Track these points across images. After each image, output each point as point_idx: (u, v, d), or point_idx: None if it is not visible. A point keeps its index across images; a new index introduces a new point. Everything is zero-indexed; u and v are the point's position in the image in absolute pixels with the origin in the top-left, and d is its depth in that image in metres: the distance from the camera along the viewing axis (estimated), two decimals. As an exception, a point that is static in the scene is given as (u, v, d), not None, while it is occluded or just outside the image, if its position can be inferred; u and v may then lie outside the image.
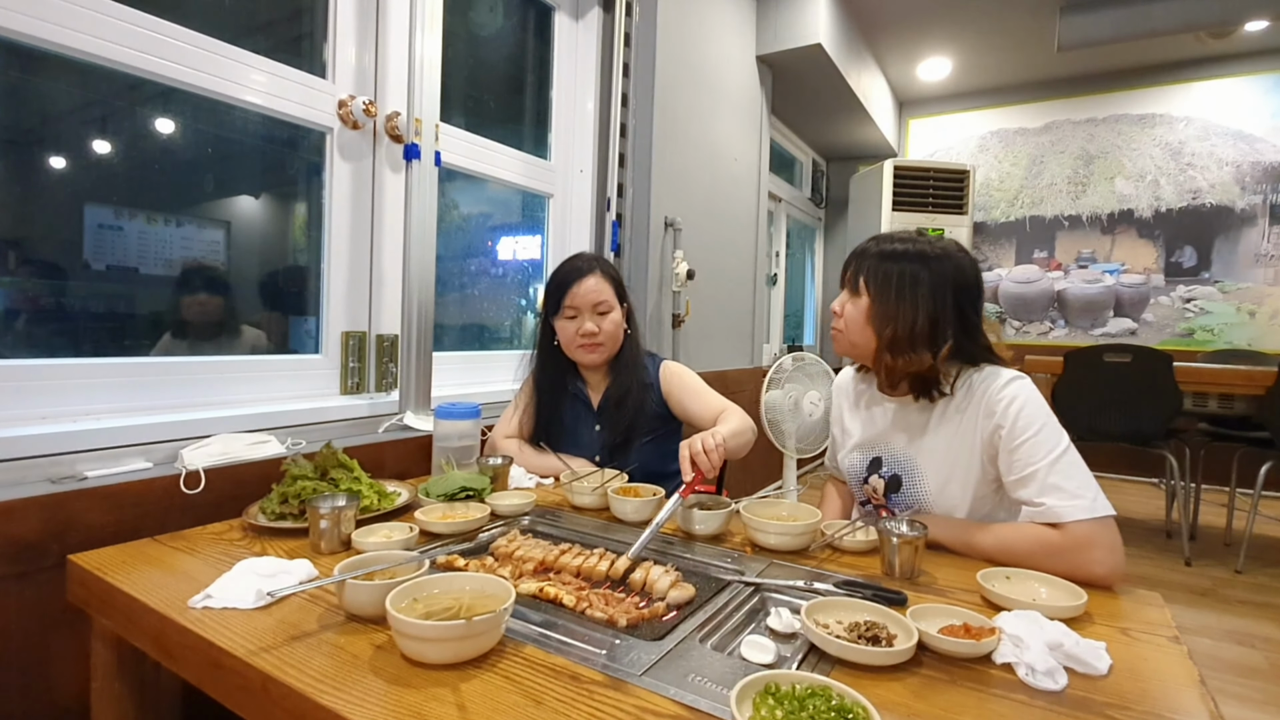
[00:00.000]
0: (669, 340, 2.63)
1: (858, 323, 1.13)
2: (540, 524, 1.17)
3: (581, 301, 1.44)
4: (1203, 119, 4.30)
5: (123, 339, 1.35)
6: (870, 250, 1.14)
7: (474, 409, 1.39)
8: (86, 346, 1.28)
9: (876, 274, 1.12)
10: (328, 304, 1.63)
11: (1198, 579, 2.67)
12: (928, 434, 1.14)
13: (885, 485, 1.18)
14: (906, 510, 1.16)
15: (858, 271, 1.14)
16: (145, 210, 1.38)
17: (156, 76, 1.31)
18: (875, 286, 1.11)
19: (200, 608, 0.78)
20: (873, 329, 1.11)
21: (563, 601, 0.83)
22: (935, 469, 1.12)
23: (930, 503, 1.13)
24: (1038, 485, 1.00)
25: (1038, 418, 1.03)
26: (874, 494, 1.21)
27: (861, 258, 1.14)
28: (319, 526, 0.95)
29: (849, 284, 1.16)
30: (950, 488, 1.11)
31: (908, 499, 1.15)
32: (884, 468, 1.19)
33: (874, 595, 0.84)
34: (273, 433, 1.36)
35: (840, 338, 1.18)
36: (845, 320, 1.16)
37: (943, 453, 1.12)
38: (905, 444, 1.16)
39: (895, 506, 1.18)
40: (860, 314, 1.13)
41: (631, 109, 2.46)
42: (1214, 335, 4.28)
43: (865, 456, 1.23)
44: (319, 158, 1.63)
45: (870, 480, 1.22)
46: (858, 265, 1.14)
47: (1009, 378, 1.07)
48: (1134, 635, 0.78)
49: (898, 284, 1.10)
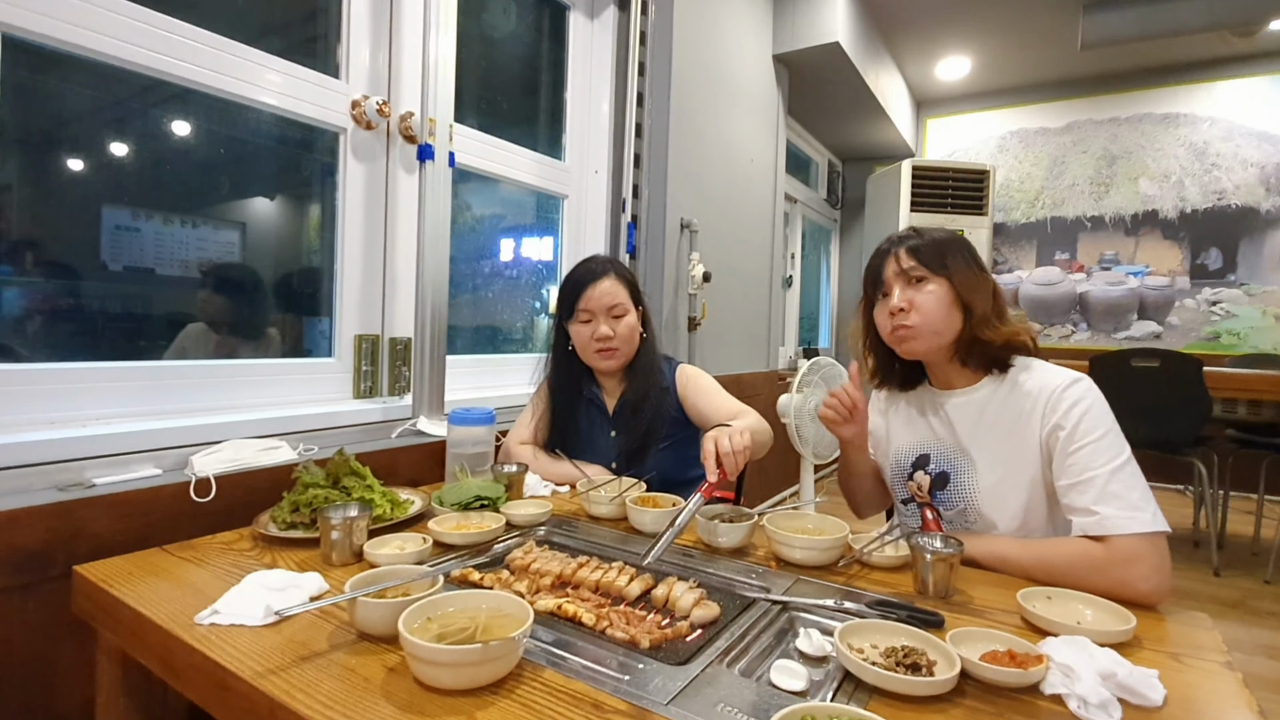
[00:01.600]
0: (685, 343, 2.59)
1: (939, 308, 1.06)
2: (557, 534, 1.14)
3: (596, 305, 1.41)
4: (1227, 119, 4.20)
5: (138, 341, 1.34)
6: (920, 239, 1.09)
7: (488, 414, 1.36)
8: (102, 348, 1.27)
9: (946, 254, 1.07)
10: (340, 306, 1.61)
11: (1227, 590, 2.60)
12: (981, 426, 1.09)
13: (931, 482, 1.13)
14: (952, 508, 1.11)
15: (920, 259, 1.07)
16: (161, 211, 1.37)
17: (171, 77, 1.29)
18: (954, 262, 1.07)
19: (207, 624, 0.75)
20: (960, 308, 1.06)
21: (582, 620, 0.79)
22: (987, 464, 1.07)
23: (979, 501, 1.07)
24: (1095, 493, 0.95)
25: (1102, 423, 0.99)
26: (918, 491, 1.16)
27: (917, 247, 1.08)
28: (330, 537, 0.92)
29: (910, 275, 1.08)
30: (1002, 487, 1.05)
31: (954, 496, 1.10)
32: (931, 465, 1.14)
33: (909, 617, 0.79)
34: (284, 438, 1.34)
35: (913, 333, 1.08)
36: (920, 312, 1.06)
37: (999, 444, 1.07)
38: (959, 437, 1.11)
39: (940, 504, 1.12)
40: (946, 296, 1.06)
41: (647, 109, 2.42)
42: (1240, 339, 4.18)
43: (910, 454, 1.18)
44: (333, 159, 1.61)
45: (915, 477, 1.16)
46: (919, 254, 1.08)
47: (1073, 378, 1.03)
48: (1185, 661, 0.74)
49: (966, 259, 1.08)
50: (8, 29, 1.09)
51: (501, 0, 2.17)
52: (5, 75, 1.10)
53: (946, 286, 1.06)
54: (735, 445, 1.07)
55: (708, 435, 1.10)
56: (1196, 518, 3.38)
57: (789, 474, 3.60)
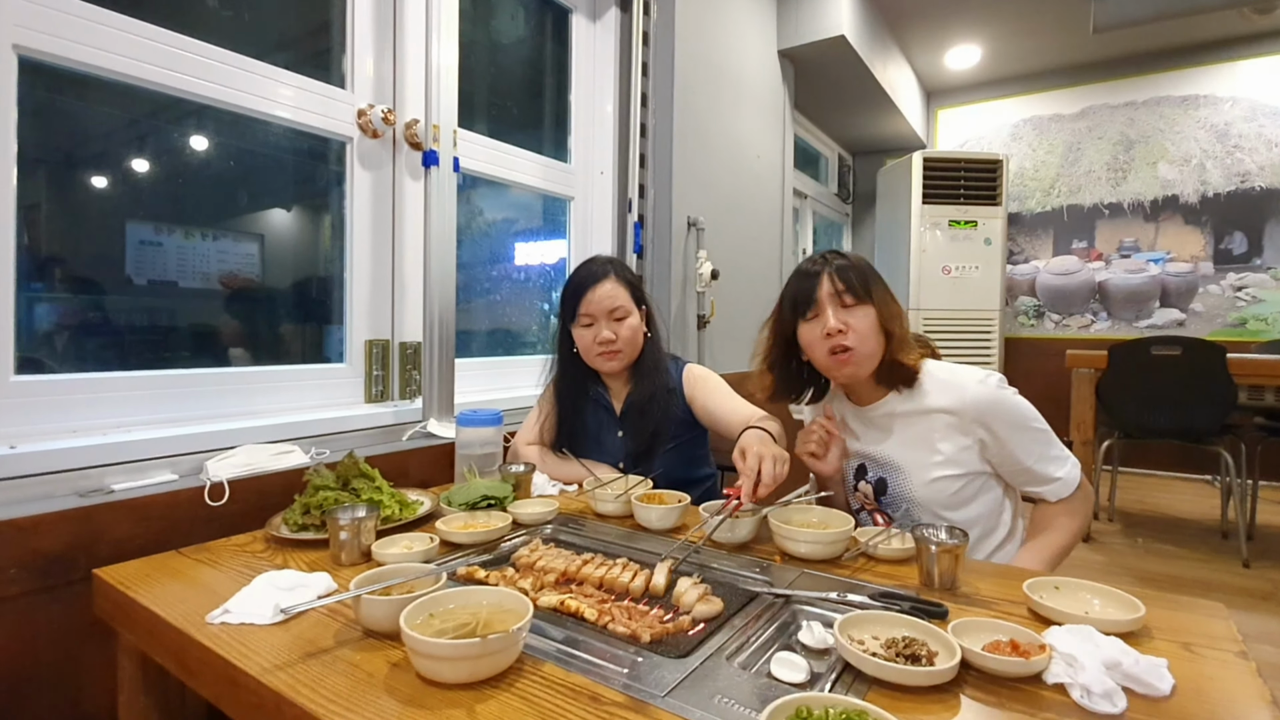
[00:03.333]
0: (694, 342, 2.59)
1: (872, 333, 1.12)
2: (563, 532, 1.15)
3: (597, 309, 1.41)
4: (1249, 99, 4.10)
5: (162, 352, 1.37)
6: (845, 262, 1.15)
7: (496, 416, 1.38)
8: (128, 360, 1.31)
9: (866, 281, 1.13)
10: (351, 313, 1.63)
11: (1258, 582, 2.53)
12: (902, 432, 1.18)
13: (874, 489, 1.21)
14: (897, 509, 1.18)
15: (850, 284, 1.12)
16: (183, 225, 1.42)
17: (182, 93, 1.33)
18: (876, 290, 1.14)
19: (219, 623, 0.77)
20: (883, 334, 1.13)
21: (584, 615, 0.80)
22: (917, 464, 1.15)
23: (918, 495, 1.15)
24: (1041, 472, 1.13)
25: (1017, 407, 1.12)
26: (866, 499, 1.23)
27: (844, 269, 1.13)
28: (339, 538, 0.94)
29: (842, 299, 1.12)
30: (938, 482, 1.14)
31: (896, 499, 1.18)
32: (869, 473, 1.22)
33: (912, 608, 0.79)
34: (298, 442, 1.36)
35: (856, 355, 1.12)
36: (857, 334, 1.11)
37: (919, 446, 1.16)
38: (884, 447, 1.20)
39: (887, 508, 1.19)
40: (872, 322, 1.12)
41: (651, 109, 2.43)
42: (1267, 325, 4.08)
43: (850, 466, 1.26)
44: (342, 167, 1.64)
45: (860, 487, 1.24)
46: (846, 277, 1.12)
47: (976, 380, 1.12)
48: (1197, 651, 0.72)
49: (883, 286, 1.16)
50: (22, 51, 1.12)
51: (504, 5, 2.19)
52: (24, 96, 1.14)
53: (874, 312, 1.13)
54: (779, 476, 1.08)
55: (751, 451, 1.09)
56: (1224, 508, 3.30)
57: (802, 470, 3.58)
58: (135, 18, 1.24)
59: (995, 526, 1.19)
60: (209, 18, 1.43)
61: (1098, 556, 2.86)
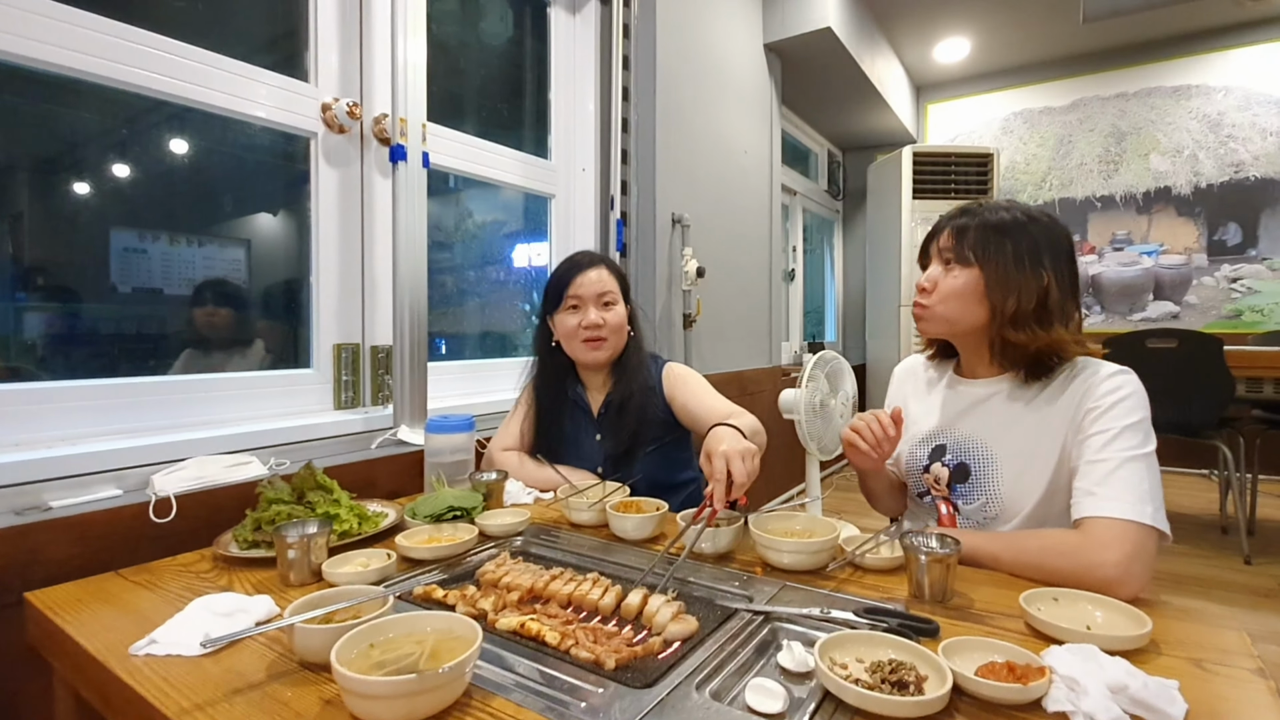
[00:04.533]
0: (680, 341, 2.53)
1: (962, 296, 1.03)
2: (534, 544, 1.09)
3: (586, 291, 1.36)
4: (1243, 88, 4.06)
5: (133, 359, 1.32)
6: (972, 219, 1.04)
7: (467, 421, 1.31)
8: (79, 369, 1.25)
9: (988, 243, 1.02)
10: (317, 315, 1.57)
11: (1260, 579, 2.48)
12: (1012, 420, 1.04)
13: (950, 475, 1.08)
14: (972, 502, 1.05)
15: (961, 242, 1.04)
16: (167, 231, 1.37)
17: (132, 86, 1.26)
18: (992, 255, 1.01)
19: (143, 655, 0.70)
20: (988, 303, 1.02)
21: (545, 639, 0.73)
22: (1013, 458, 1.02)
23: (1003, 494, 1.02)
24: (1102, 474, 0.91)
25: (1135, 412, 0.95)
26: (935, 484, 1.10)
27: (963, 228, 1.04)
28: (287, 557, 0.88)
29: (943, 256, 1.06)
30: (1026, 479, 1.00)
31: (976, 489, 1.04)
32: (948, 455, 1.09)
33: (900, 625, 0.73)
34: (258, 453, 1.29)
35: (929, 314, 1.07)
36: (940, 294, 1.05)
37: (1024, 440, 1.02)
38: (980, 430, 1.07)
39: (959, 498, 1.07)
40: (966, 287, 1.03)
41: (633, 103, 2.37)
42: (1264, 316, 4.04)
43: (927, 443, 1.13)
44: (306, 164, 1.57)
45: (932, 469, 1.11)
46: (959, 236, 1.04)
47: (1116, 369, 0.99)
48: (1209, 668, 0.67)
49: (1017, 253, 1.01)
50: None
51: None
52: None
53: (975, 277, 1.02)
54: (751, 473, 0.99)
55: (717, 451, 1.00)
56: (1223, 503, 3.26)
57: (794, 471, 3.52)
58: (78, 8, 1.18)
59: None
60: (162, 9, 1.37)
61: (1096, 554, 2.80)
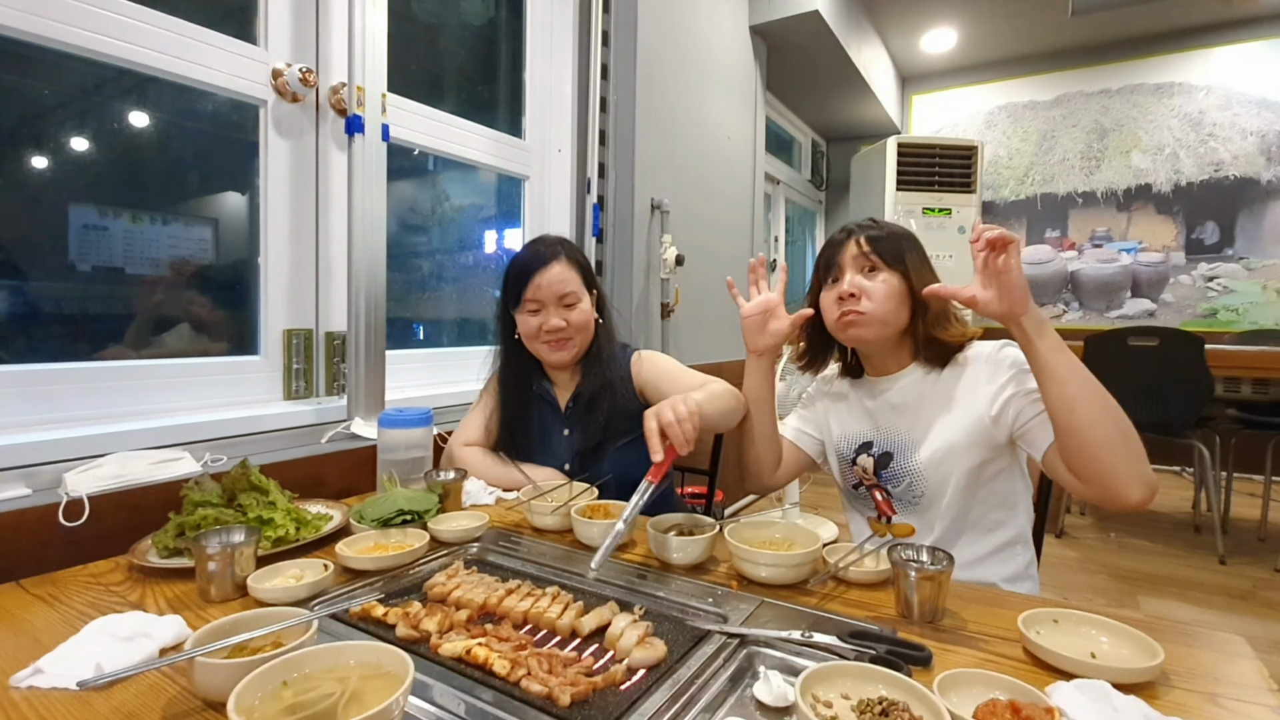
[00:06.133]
0: (658, 331, 2.45)
1: (895, 298, 1.07)
2: (492, 551, 1.00)
3: (545, 294, 1.25)
4: (1225, 87, 4.06)
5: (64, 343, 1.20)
6: (881, 229, 1.11)
7: (424, 415, 1.22)
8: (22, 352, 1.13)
9: (902, 250, 1.09)
10: (266, 298, 1.45)
11: (1235, 580, 2.48)
12: (924, 401, 1.10)
13: (875, 462, 1.13)
14: (899, 484, 1.10)
15: (881, 248, 1.08)
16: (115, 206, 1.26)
17: (54, 43, 1.13)
18: (910, 259, 1.08)
19: (25, 686, 0.60)
20: (911, 304, 1.08)
21: (493, 668, 0.65)
22: (930, 437, 1.08)
23: (924, 472, 1.07)
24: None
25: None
26: (864, 474, 1.15)
27: (877, 236, 1.09)
28: (206, 569, 0.78)
29: (864, 262, 1.09)
30: (945, 455, 1.05)
31: (899, 473, 1.10)
32: (874, 448, 1.14)
33: (889, 652, 0.66)
34: (196, 447, 1.19)
35: (866, 319, 1.07)
36: (875, 298, 1.07)
37: (937, 418, 1.08)
38: (897, 419, 1.13)
39: (887, 483, 1.12)
40: (897, 290, 1.07)
41: (612, 83, 2.27)
42: (1238, 315, 4.07)
43: (853, 442, 1.18)
44: (255, 135, 1.45)
45: (859, 461, 1.16)
46: (876, 243, 1.09)
47: (1003, 342, 1.07)
48: (1226, 705, 0.60)
49: (921, 258, 1.10)
50: None
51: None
52: None
53: (900, 280, 1.07)
54: (679, 413, 0.92)
55: (647, 413, 0.95)
56: (1197, 501, 3.27)
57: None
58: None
59: (1005, 521, 1.07)
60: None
61: (1071, 552, 2.80)
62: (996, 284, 0.89)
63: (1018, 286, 0.88)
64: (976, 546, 1.06)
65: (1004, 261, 0.88)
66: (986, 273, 0.90)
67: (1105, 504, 0.91)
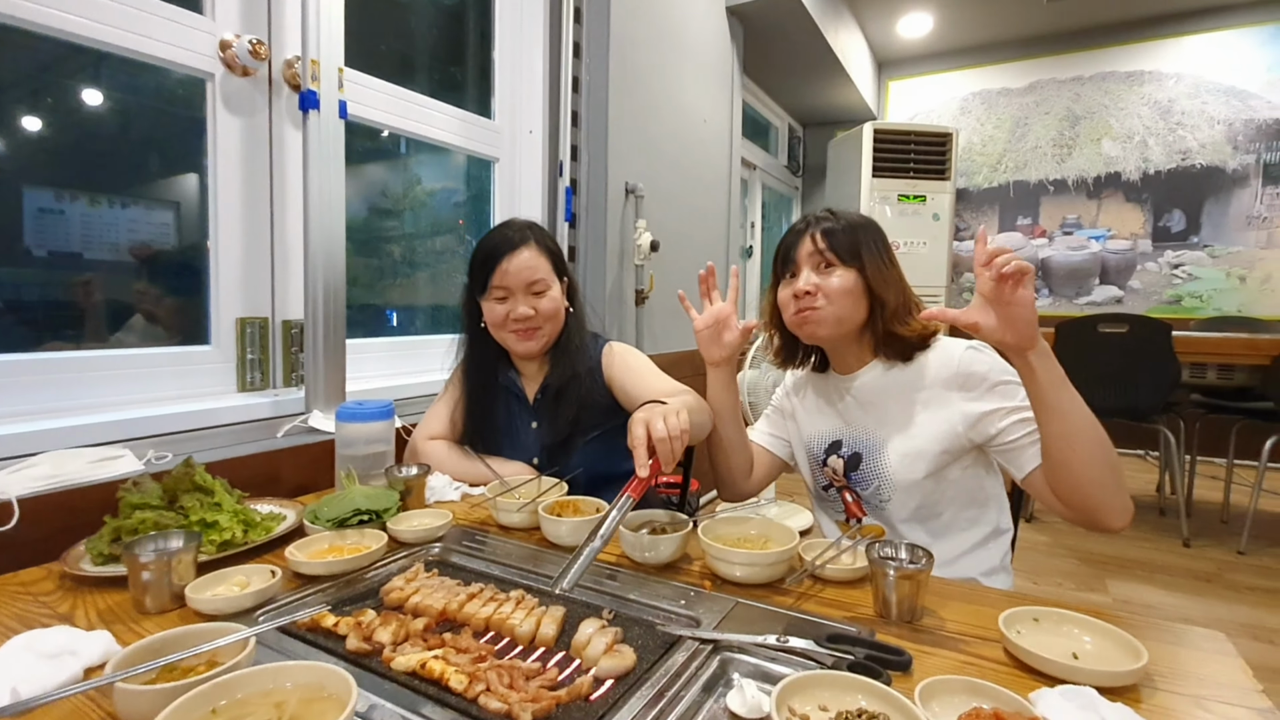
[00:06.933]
0: (631, 318, 2.40)
1: (851, 294, 1.05)
2: (455, 552, 0.96)
3: (513, 281, 1.20)
4: (1194, 75, 4.11)
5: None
6: (836, 222, 1.08)
7: (385, 408, 1.16)
8: None
9: (858, 243, 1.06)
10: (217, 285, 1.38)
11: (1199, 562, 2.53)
12: (878, 401, 1.10)
13: (845, 464, 1.12)
14: (867, 486, 1.08)
15: (835, 244, 1.06)
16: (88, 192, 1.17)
17: None
18: (864, 255, 1.06)
19: (-71, 717, 0.55)
20: (868, 299, 1.06)
21: (449, 683, 0.61)
22: (896, 437, 1.06)
23: (891, 475, 1.06)
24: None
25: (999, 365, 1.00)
26: (834, 475, 1.14)
27: (832, 230, 1.07)
28: (140, 579, 0.72)
29: (820, 259, 1.07)
30: (910, 457, 1.04)
31: (868, 475, 1.09)
32: (844, 448, 1.13)
33: (868, 657, 0.63)
34: (139, 444, 1.12)
35: (820, 315, 1.06)
36: (827, 295, 1.05)
37: (903, 418, 1.06)
38: (865, 418, 1.11)
39: (857, 485, 1.11)
40: (854, 286, 1.05)
41: (585, 62, 2.20)
42: (1202, 302, 4.15)
43: (823, 441, 1.16)
44: (202, 111, 1.36)
45: (829, 462, 1.15)
46: (831, 238, 1.06)
47: (967, 344, 1.04)
48: (1212, 707, 0.58)
49: (879, 250, 1.08)
50: None
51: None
52: None
53: (856, 276, 1.05)
54: (671, 428, 0.87)
55: (636, 418, 0.90)
56: (1161, 484, 3.34)
57: (752, 452, 3.46)
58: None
59: (978, 519, 1.06)
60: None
61: (1040, 537, 2.84)
62: (1004, 314, 0.82)
63: (1026, 320, 0.81)
64: (951, 546, 1.05)
65: (1016, 294, 0.80)
66: (994, 300, 0.82)
67: (1086, 527, 0.91)
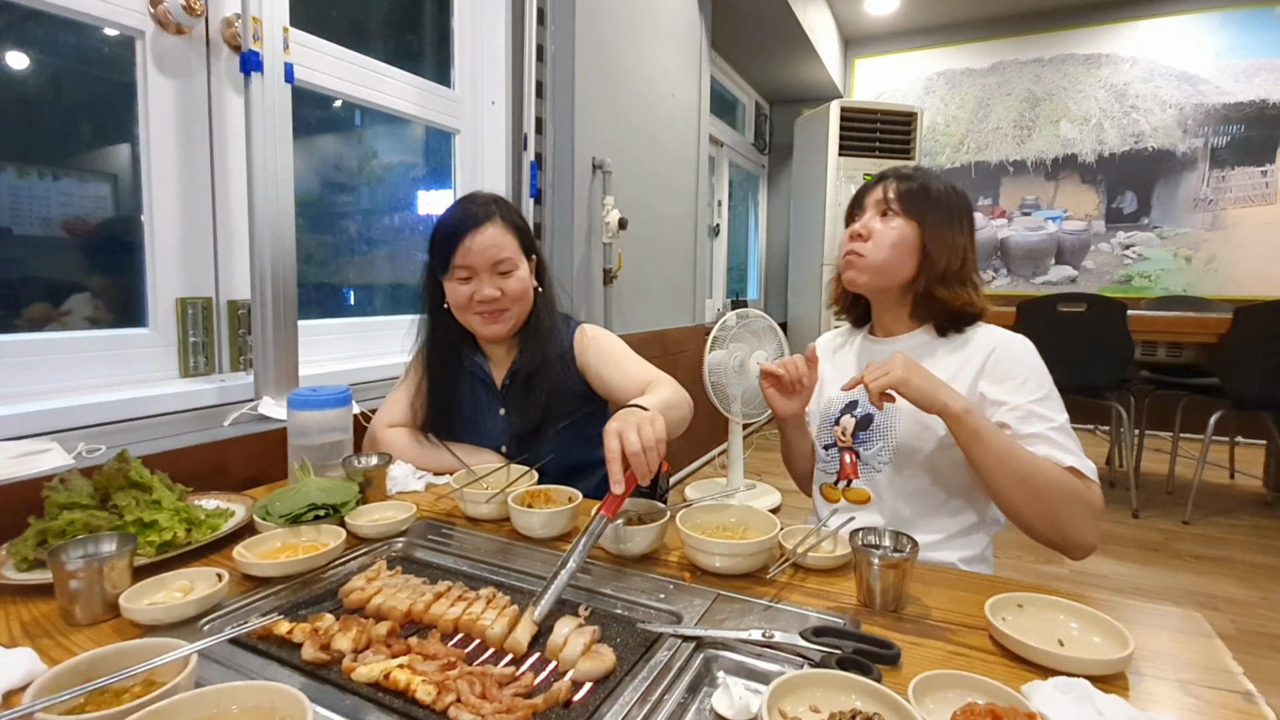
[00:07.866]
0: (600, 298, 2.35)
1: (898, 247, 1.02)
2: (420, 547, 0.90)
3: (477, 260, 1.13)
4: (1148, 59, 4.20)
5: None
6: (916, 179, 1.05)
7: (341, 394, 1.09)
8: None
9: (929, 202, 1.03)
10: (154, 262, 1.28)
11: (1148, 532, 2.64)
12: None
13: (856, 424, 1.10)
14: (871, 446, 1.06)
15: (907, 196, 1.04)
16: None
17: None
18: (932, 213, 1.03)
19: None
20: (918, 257, 1.03)
21: (416, 694, 0.56)
22: (916, 411, 1.00)
23: (899, 439, 1.04)
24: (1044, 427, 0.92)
25: (1039, 367, 0.99)
26: (842, 435, 1.12)
27: (909, 184, 1.04)
28: (68, 588, 0.66)
29: (886, 207, 1.05)
30: (926, 426, 1.01)
31: (875, 435, 1.07)
32: (859, 409, 1.10)
33: (856, 651, 0.61)
34: (68, 436, 1.03)
35: (863, 262, 1.05)
36: (877, 242, 1.04)
37: None
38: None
39: (861, 445, 1.09)
40: (905, 238, 1.02)
41: (550, 30, 2.11)
42: (1151, 281, 4.29)
43: (840, 402, 1.13)
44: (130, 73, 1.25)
45: (841, 420, 1.12)
46: (904, 191, 1.04)
47: (1014, 334, 1.04)
48: (1197, 694, 0.58)
49: (952, 215, 1.04)
50: None
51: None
52: None
53: (914, 230, 1.03)
54: (646, 440, 0.82)
55: (609, 429, 0.84)
56: (1110, 457, 3.46)
57: (717, 434, 3.46)
58: None
59: (964, 508, 1.04)
60: None
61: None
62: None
63: (919, 401, 0.89)
64: (932, 529, 1.03)
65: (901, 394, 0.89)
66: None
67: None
